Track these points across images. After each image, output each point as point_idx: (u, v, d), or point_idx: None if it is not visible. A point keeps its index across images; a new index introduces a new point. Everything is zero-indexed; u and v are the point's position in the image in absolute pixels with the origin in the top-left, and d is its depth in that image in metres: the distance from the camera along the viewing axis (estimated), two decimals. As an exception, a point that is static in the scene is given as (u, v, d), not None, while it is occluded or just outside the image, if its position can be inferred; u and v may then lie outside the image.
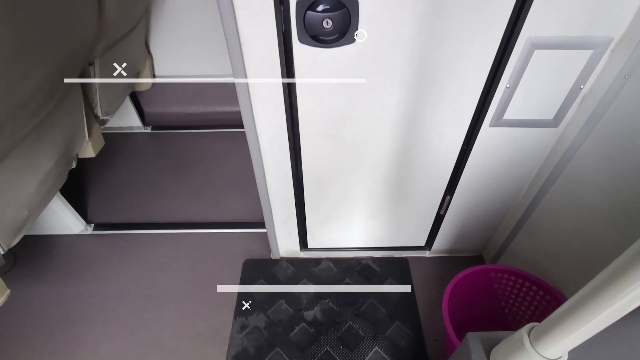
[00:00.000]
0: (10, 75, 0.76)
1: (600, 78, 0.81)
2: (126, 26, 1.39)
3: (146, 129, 2.06)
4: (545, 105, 0.89)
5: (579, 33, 0.76)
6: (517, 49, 0.78)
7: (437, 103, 0.89)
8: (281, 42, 0.77)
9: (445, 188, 1.12)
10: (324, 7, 0.72)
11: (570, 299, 0.43)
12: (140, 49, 1.74)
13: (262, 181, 1.09)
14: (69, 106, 1.14)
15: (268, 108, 0.89)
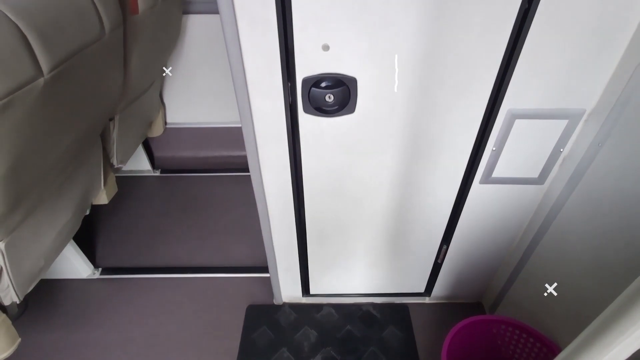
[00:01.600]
0: (45, 144, 0.85)
1: (577, 144, 0.90)
2: (146, 85, 1.52)
3: (155, 172, 2.15)
4: (530, 165, 0.97)
5: (554, 105, 0.85)
6: (499, 118, 0.87)
7: (430, 164, 0.96)
8: (288, 112, 0.87)
9: (442, 238, 1.18)
10: (326, 84, 0.81)
11: (561, 353, 0.47)
12: (156, 101, 1.86)
13: (268, 232, 1.15)
14: (89, 160, 1.23)
15: (275, 168, 0.98)
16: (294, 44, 0.76)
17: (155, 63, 1.50)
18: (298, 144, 0.93)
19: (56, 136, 0.87)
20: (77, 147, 1.04)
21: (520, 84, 0.81)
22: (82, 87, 0.91)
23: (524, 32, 0.73)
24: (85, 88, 0.94)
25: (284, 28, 0.73)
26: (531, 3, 0.70)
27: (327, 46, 0.76)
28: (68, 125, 0.92)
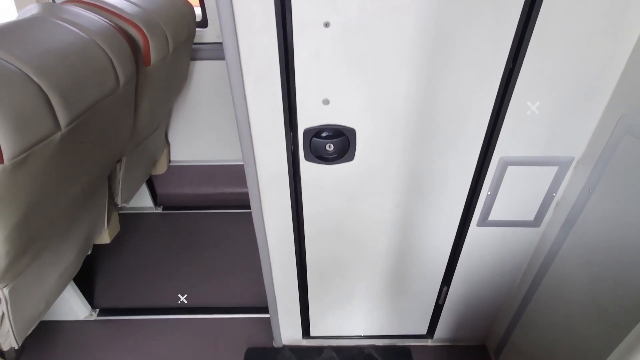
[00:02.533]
0: (57, 191, 0.88)
1: (569, 189, 0.93)
2: (153, 128, 1.58)
3: (157, 209, 2.17)
4: (525, 208, 0.99)
5: (543, 153, 0.89)
6: (492, 165, 0.91)
7: (427, 207, 0.99)
8: (290, 160, 0.91)
9: (442, 280, 1.18)
10: (326, 134, 0.86)
11: None
12: (161, 140, 1.92)
13: (269, 273, 1.16)
14: (95, 202, 1.26)
15: (277, 212, 1.00)
16: (296, 99, 0.81)
17: (163, 107, 1.57)
18: (299, 189, 0.96)
19: (68, 183, 0.90)
20: (86, 191, 1.07)
21: (510, 132, 0.86)
22: (95, 136, 0.96)
23: (510, 86, 0.79)
24: (98, 137, 0.98)
25: (287, 85, 0.79)
26: (515, 63, 0.76)
27: (327, 100, 0.81)
28: (80, 172, 0.95)
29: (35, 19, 0.85)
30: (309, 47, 0.74)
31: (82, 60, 0.84)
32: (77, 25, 0.90)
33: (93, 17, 0.96)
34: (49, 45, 0.79)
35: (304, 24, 0.72)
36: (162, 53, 1.23)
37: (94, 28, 0.93)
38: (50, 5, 0.93)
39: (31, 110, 0.68)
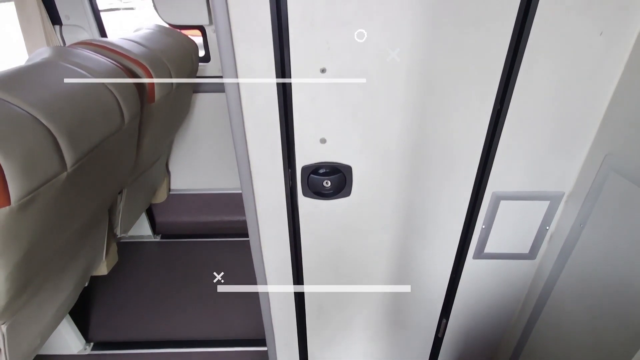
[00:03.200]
0: (59, 228, 0.89)
1: (561, 223, 0.95)
2: (154, 159, 1.61)
3: (156, 237, 2.18)
4: (520, 241, 1.01)
5: (534, 188, 0.91)
6: (485, 200, 0.93)
7: (423, 240, 1.01)
8: (288, 195, 0.93)
9: (440, 312, 1.18)
10: (324, 171, 0.89)
11: None
12: (162, 170, 1.95)
13: (267, 306, 1.15)
14: (95, 235, 1.27)
15: (275, 246, 1.01)
16: (294, 138, 0.84)
17: (165, 140, 1.60)
18: (297, 223, 0.98)
19: (70, 219, 0.92)
20: (87, 224, 1.08)
21: (501, 169, 0.89)
22: (99, 172, 0.99)
23: (499, 126, 0.82)
24: (102, 172, 1.01)
25: (285, 125, 0.82)
26: (502, 104, 0.80)
27: (324, 140, 0.84)
28: (82, 207, 0.97)
29: (46, 63, 0.89)
30: (307, 91, 0.78)
31: (90, 102, 0.88)
32: (85, 68, 0.94)
33: (101, 60, 1.01)
34: (59, 89, 0.83)
35: (302, 70, 0.76)
36: (166, 90, 1.28)
37: (102, 70, 0.98)
38: (60, 49, 0.98)
39: (39, 152, 0.71)
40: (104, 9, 1.69)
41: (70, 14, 1.72)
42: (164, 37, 1.42)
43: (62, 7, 1.71)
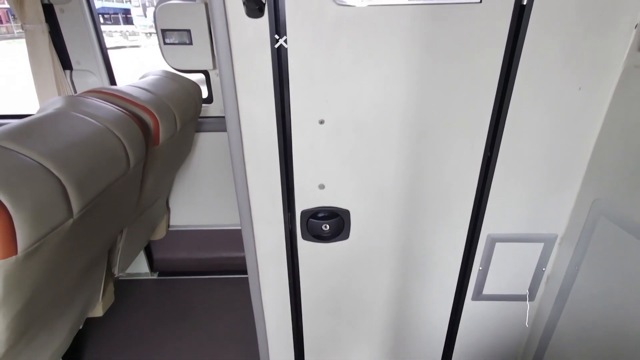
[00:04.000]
0: (61, 272, 0.90)
1: (557, 265, 0.96)
2: (156, 198, 1.63)
3: (153, 275, 2.15)
4: (518, 282, 1.02)
5: (528, 230, 0.94)
6: (481, 242, 0.95)
7: (422, 282, 1.01)
8: (288, 238, 0.95)
9: (442, 355, 1.16)
10: (322, 215, 0.91)
11: None
12: (162, 208, 1.97)
13: (265, 349, 1.13)
14: (93, 276, 1.26)
15: (274, 288, 1.02)
16: (294, 184, 0.87)
17: (167, 179, 1.64)
18: (297, 266, 0.99)
19: (72, 263, 0.93)
20: (86, 267, 1.09)
21: (495, 211, 0.91)
22: (102, 215, 1.01)
23: (490, 170, 0.86)
24: (105, 216, 1.03)
25: (285, 171, 0.86)
26: (492, 151, 0.84)
27: (323, 185, 0.88)
28: (84, 251, 0.98)
29: (58, 113, 0.94)
30: (306, 140, 0.82)
31: (98, 149, 0.92)
32: (95, 116, 0.99)
33: (110, 108, 1.07)
34: (69, 138, 0.87)
35: (301, 122, 0.80)
36: (170, 132, 1.33)
37: (111, 118, 1.02)
38: (72, 99, 1.03)
39: (48, 202, 0.73)
40: (111, 47, 1.79)
41: (81, 60, 1.81)
42: (169, 83, 1.49)
43: (74, 53, 1.81)
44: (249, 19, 0.71)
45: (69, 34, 1.76)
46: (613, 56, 0.74)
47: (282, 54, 0.74)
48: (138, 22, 19.76)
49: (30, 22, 1.66)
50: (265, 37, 0.72)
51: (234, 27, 0.72)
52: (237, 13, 0.71)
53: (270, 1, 0.70)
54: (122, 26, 21.05)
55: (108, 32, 18.40)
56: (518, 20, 0.71)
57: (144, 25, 18.78)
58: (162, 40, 1.70)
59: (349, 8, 0.70)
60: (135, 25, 20.19)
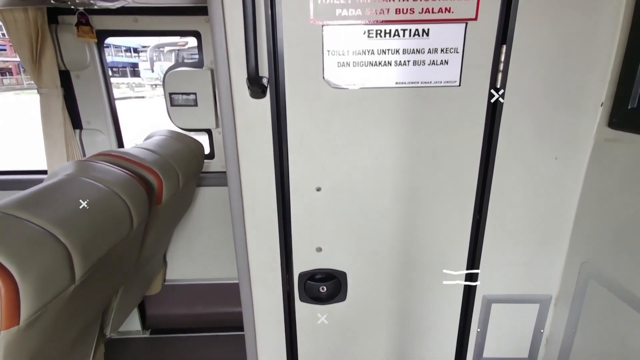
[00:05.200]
0: (58, 336, 0.89)
1: (554, 326, 0.96)
2: (154, 255, 1.64)
3: (145, 333, 2.08)
4: (518, 344, 1.01)
5: (523, 291, 0.95)
6: (477, 303, 0.96)
7: (420, 345, 1.00)
8: (286, 300, 0.95)
9: None
10: (320, 277, 0.93)
11: None
12: (159, 262, 1.96)
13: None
14: (85, 338, 1.23)
15: (272, 352, 1.00)
16: (292, 247, 0.90)
17: (167, 234, 1.66)
18: (294, 328, 0.98)
19: (69, 327, 0.92)
20: (81, 330, 1.07)
21: (489, 272, 0.93)
22: (102, 277, 1.02)
23: (480, 234, 0.89)
24: (104, 277, 1.04)
25: (284, 235, 0.89)
26: (481, 214, 0.88)
27: (320, 248, 0.90)
28: (80, 315, 0.98)
29: (68, 179, 0.99)
30: (304, 205, 0.87)
31: (104, 213, 0.96)
32: (102, 180, 1.04)
33: (116, 171, 1.12)
34: (78, 204, 0.91)
35: (299, 189, 0.85)
36: (172, 191, 1.38)
37: (117, 181, 1.08)
38: (82, 164, 1.09)
39: (53, 270, 0.75)
40: (117, 98, 1.91)
41: (91, 120, 1.92)
42: (174, 143, 1.57)
43: (85, 114, 1.91)
44: (252, 99, 0.79)
45: (82, 97, 1.88)
46: (584, 130, 0.82)
47: (281, 127, 0.81)
48: (145, 75, 20.83)
49: (46, 87, 1.78)
50: (266, 115, 0.80)
51: (239, 106, 0.79)
52: (242, 95, 0.79)
53: (271, 84, 0.78)
54: (129, 78, 22.15)
55: (115, 84, 19.30)
56: (494, 101, 0.79)
57: (149, 78, 19.79)
58: (170, 102, 1.82)
59: (343, 90, 0.79)
60: (142, 77, 21.25)
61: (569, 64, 0.77)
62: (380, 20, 0.74)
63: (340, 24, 0.74)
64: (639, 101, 0.72)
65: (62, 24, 1.74)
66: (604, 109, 0.80)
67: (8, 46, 21.03)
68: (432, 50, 0.76)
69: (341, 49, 0.76)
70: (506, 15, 0.74)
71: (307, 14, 0.74)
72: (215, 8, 0.73)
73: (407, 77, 0.78)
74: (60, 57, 1.76)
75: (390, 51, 0.76)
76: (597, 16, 0.75)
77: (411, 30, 0.75)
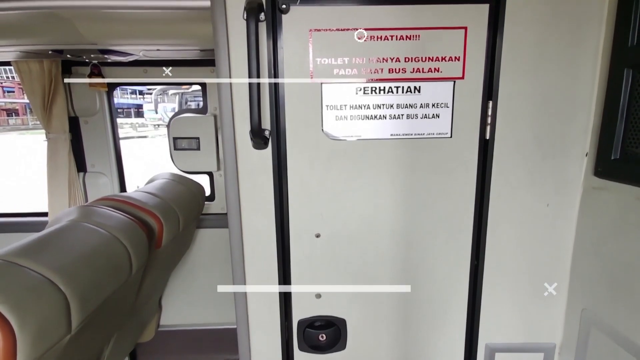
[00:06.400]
0: None
1: (560, 378, 0.94)
2: (150, 299, 1.61)
3: (135, 385, 1.98)
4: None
5: (526, 340, 0.94)
6: (480, 352, 0.94)
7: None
8: (284, 349, 0.93)
9: None
10: (319, 324, 0.92)
11: None
12: (154, 307, 1.92)
13: None
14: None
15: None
16: (291, 293, 0.90)
17: (164, 278, 1.64)
18: None
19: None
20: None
21: (490, 319, 0.92)
22: (97, 325, 1.00)
23: (479, 279, 0.90)
24: (99, 324, 1.02)
25: (283, 281, 0.89)
26: (478, 259, 0.89)
27: (319, 294, 0.90)
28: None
29: (71, 226, 1.01)
30: (303, 251, 0.88)
31: (105, 260, 0.96)
32: (104, 226, 1.06)
33: (118, 215, 1.14)
34: (79, 251, 0.92)
35: (299, 235, 0.87)
36: (173, 234, 1.39)
37: (119, 226, 1.09)
38: (85, 209, 1.11)
39: (51, 320, 0.75)
40: (120, 137, 1.97)
41: (96, 163, 1.96)
42: (176, 186, 1.60)
43: (90, 158, 1.96)
44: (255, 150, 0.83)
45: (89, 141, 1.94)
46: (572, 178, 0.85)
47: (282, 176, 0.84)
48: (148, 116, 21.40)
49: (55, 132, 1.84)
50: (268, 164, 0.83)
51: (242, 156, 0.83)
52: (245, 145, 0.83)
53: (273, 136, 0.82)
54: (132, 119, 22.72)
55: (119, 124, 19.70)
56: (484, 150, 0.83)
57: (153, 119, 20.33)
58: (173, 146, 1.88)
59: (341, 141, 0.83)
60: (145, 118, 21.82)
61: (552, 116, 0.83)
62: (374, 79, 0.80)
63: (338, 82, 0.80)
64: (621, 152, 0.76)
65: (75, 74, 1.84)
66: (589, 158, 0.84)
67: (16, 88, 21.79)
68: (424, 105, 0.82)
69: (339, 103, 0.81)
70: (490, 74, 0.80)
71: (307, 72, 0.80)
72: (222, 67, 0.79)
73: (401, 129, 0.82)
74: (71, 104, 1.85)
75: (385, 106, 0.82)
76: (575, 70, 0.81)
77: (404, 87, 0.81)
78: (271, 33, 0.77)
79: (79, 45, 1.46)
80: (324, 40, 0.78)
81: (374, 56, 0.79)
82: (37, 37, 1.42)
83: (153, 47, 1.52)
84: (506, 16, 0.77)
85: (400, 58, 0.79)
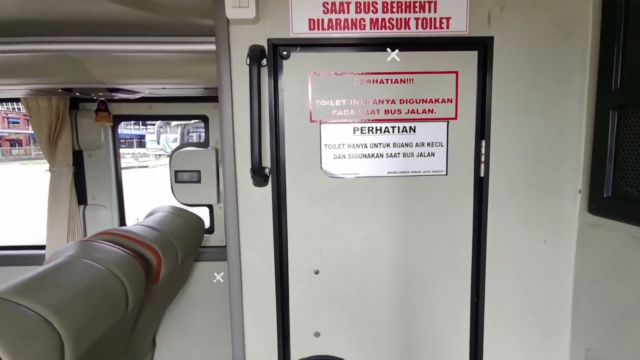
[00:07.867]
0: None
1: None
2: (145, 335, 1.57)
3: None
4: None
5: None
6: (484, 395, 0.91)
7: None
8: (283, 393, 0.90)
9: None
10: (318, 364, 0.89)
11: None
12: (148, 344, 1.86)
13: None
14: None
15: None
16: (289, 331, 0.88)
17: (159, 314, 1.60)
18: None
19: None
20: None
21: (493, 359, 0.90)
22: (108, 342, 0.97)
23: (480, 318, 0.89)
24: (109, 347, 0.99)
25: (282, 319, 0.88)
26: (478, 296, 0.89)
27: (318, 333, 0.89)
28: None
29: (69, 262, 1.00)
30: (302, 289, 0.87)
31: (101, 296, 0.95)
32: (102, 261, 1.05)
33: (117, 250, 1.14)
34: (76, 288, 0.91)
35: (298, 271, 0.87)
36: (170, 268, 1.38)
37: (117, 261, 1.09)
38: (84, 244, 1.11)
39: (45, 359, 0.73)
40: (122, 167, 1.99)
41: (97, 196, 1.98)
42: (175, 219, 1.61)
43: (92, 190, 1.98)
44: (255, 187, 0.85)
45: (91, 174, 1.97)
46: (567, 215, 0.86)
47: (282, 212, 0.86)
48: (150, 146, 21.68)
49: (59, 165, 1.87)
50: (267, 201, 0.85)
51: (242, 194, 0.85)
52: (245, 183, 0.85)
53: (273, 174, 0.84)
54: (134, 149, 23.00)
55: (121, 154, 19.92)
56: (479, 188, 0.85)
57: (154, 149, 20.58)
58: (174, 179, 1.90)
59: (340, 179, 0.85)
60: (147, 148, 22.09)
61: (543, 155, 0.85)
62: (371, 119, 0.84)
63: (336, 122, 0.84)
64: (613, 190, 0.78)
65: (82, 109, 1.90)
66: (583, 195, 0.86)
67: (22, 119, 22.21)
68: (419, 144, 0.85)
69: (337, 142, 0.84)
70: (482, 115, 0.84)
71: (306, 113, 0.83)
72: (225, 108, 0.82)
73: (398, 167, 0.85)
74: (76, 138, 1.89)
75: (382, 145, 0.84)
76: (563, 111, 0.84)
77: (399, 127, 0.84)
78: (272, 76, 0.81)
79: (88, 84, 1.52)
80: (323, 84, 0.82)
81: (371, 98, 0.83)
82: (49, 77, 1.48)
83: (159, 85, 1.58)
84: (494, 62, 0.82)
85: (396, 100, 0.83)
